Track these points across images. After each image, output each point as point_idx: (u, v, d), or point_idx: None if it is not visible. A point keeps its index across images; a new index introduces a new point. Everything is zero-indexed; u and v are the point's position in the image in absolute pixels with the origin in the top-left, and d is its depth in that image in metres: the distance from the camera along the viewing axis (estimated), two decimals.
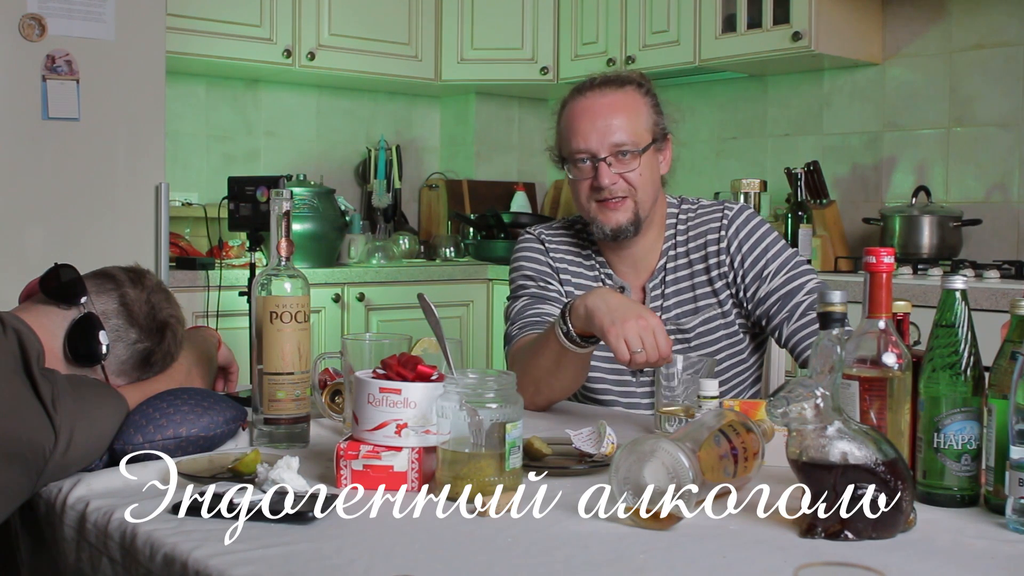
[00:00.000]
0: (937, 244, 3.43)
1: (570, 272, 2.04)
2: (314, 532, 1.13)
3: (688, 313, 1.97)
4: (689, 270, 1.98)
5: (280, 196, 1.49)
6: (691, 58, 3.90)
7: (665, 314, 1.97)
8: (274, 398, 1.49)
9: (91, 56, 2.99)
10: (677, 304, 1.98)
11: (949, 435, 1.23)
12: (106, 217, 3.06)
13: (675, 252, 2.00)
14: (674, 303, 1.98)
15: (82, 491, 1.28)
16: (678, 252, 2.00)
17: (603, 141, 1.89)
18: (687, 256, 1.99)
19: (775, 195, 3.86)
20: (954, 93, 3.61)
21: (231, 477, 1.31)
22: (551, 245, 2.07)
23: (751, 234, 1.96)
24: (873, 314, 1.27)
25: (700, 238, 1.99)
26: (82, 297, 1.48)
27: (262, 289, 1.50)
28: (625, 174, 1.90)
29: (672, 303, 1.98)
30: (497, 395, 1.24)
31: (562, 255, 2.06)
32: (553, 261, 2.05)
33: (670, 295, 1.98)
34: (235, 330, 3.23)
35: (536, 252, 2.07)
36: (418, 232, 4.67)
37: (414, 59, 4.33)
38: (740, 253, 1.95)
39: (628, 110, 1.92)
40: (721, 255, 1.96)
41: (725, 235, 1.96)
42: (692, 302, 1.97)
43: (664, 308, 1.98)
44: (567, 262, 2.05)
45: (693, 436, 1.20)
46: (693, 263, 1.98)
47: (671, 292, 1.98)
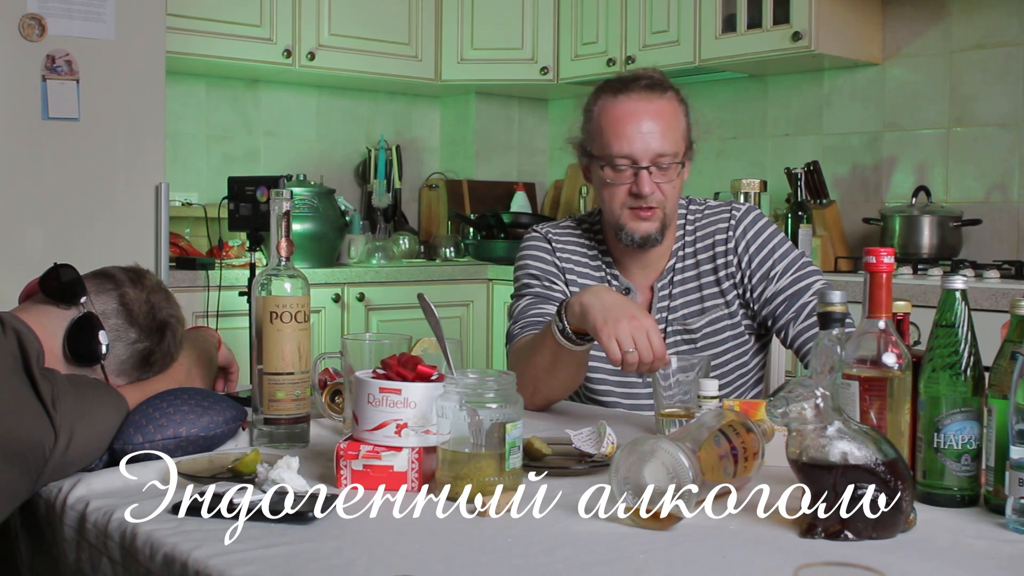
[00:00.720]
0: (937, 244, 3.43)
1: (576, 272, 2.04)
2: (314, 532, 1.13)
3: (695, 313, 1.97)
4: (696, 270, 1.99)
5: (280, 196, 1.49)
6: (691, 58, 3.90)
7: (672, 314, 1.97)
8: (274, 398, 1.49)
9: (91, 56, 2.99)
10: (684, 304, 1.98)
11: (949, 435, 1.23)
12: (106, 217, 3.06)
13: (683, 252, 2.00)
14: (681, 303, 1.98)
15: (82, 491, 1.28)
16: (686, 252, 2.00)
17: (647, 149, 1.87)
18: (695, 256, 1.99)
19: (775, 195, 3.86)
20: (954, 93, 3.61)
21: (231, 477, 1.31)
22: (558, 244, 2.06)
23: (758, 235, 1.96)
24: (873, 314, 1.27)
25: (708, 238, 1.99)
26: (82, 297, 1.48)
27: (262, 289, 1.50)
28: (662, 184, 1.89)
29: (679, 303, 1.98)
30: (497, 395, 1.24)
31: (568, 255, 2.05)
32: (559, 261, 2.05)
33: (677, 295, 1.98)
34: (235, 330, 3.23)
35: (542, 251, 2.06)
36: (418, 232, 4.67)
37: (414, 59, 4.33)
38: (747, 253, 1.95)
39: (670, 118, 1.90)
40: (728, 255, 1.96)
41: (732, 235, 1.96)
42: (699, 302, 1.97)
43: (671, 308, 1.98)
44: (573, 262, 2.05)
45: (693, 436, 1.20)
46: (700, 263, 1.99)
47: (678, 292, 1.98)
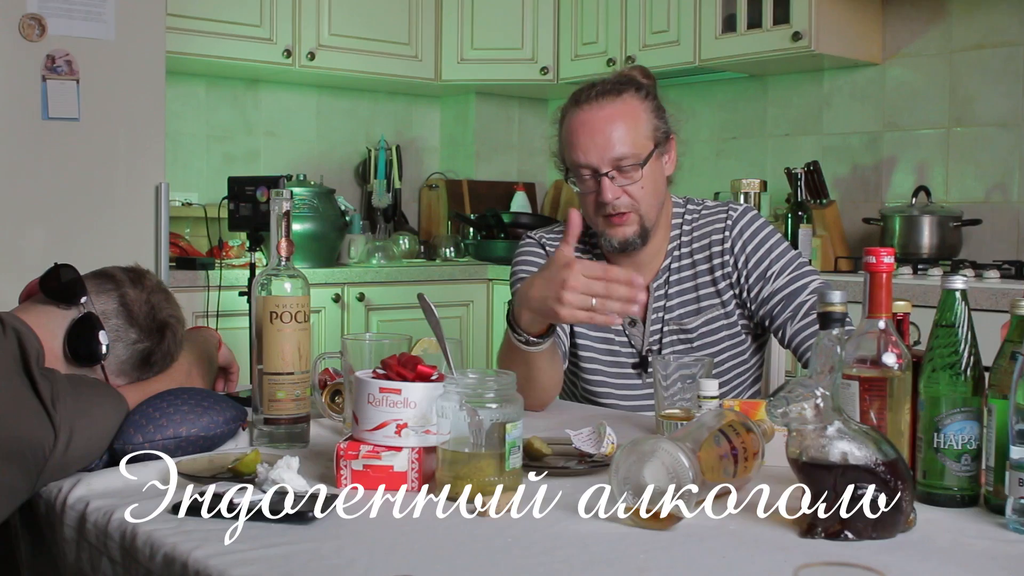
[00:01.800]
0: (937, 244, 3.43)
1: None
2: (314, 532, 1.13)
3: (691, 313, 1.97)
4: (693, 270, 1.98)
5: (280, 196, 1.49)
6: (691, 58, 3.90)
7: (668, 314, 1.97)
8: (274, 398, 1.49)
9: (91, 56, 2.99)
10: (680, 304, 1.98)
11: (949, 435, 1.23)
12: (106, 217, 3.06)
13: (679, 252, 1.99)
14: (677, 303, 1.98)
15: (82, 491, 1.28)
16: (682, 252, 1.99)
17: (603, 156, 1.86)
18: (691, 256, 1.99)
19: (775, 195, 3.86)
20: (954, 93, 3.61)
21: (231, 477, 1.31)
22: (551, 249, 2.05)
23: (755, 235, 1.96)
24: (873, 314, 1.27)
25: (704, 238, 1.99)
26: (82, 297, 1.48)
27: (262, 289, 1.50)
28: (628, 188, 1.88)
29: (675, 303, 1.98)
30: (497, 395, 1.24)
31: None
32: None
33: (673, 295, 1.98)
34: (235, 330, 3.23)
35: (536, 256, 2.06)
36: (418, 232, 4.67)
37: (414, 59, 4.33)
38: (744, 253, 1.95)
39: (627, 120, 1.88)
40: (725, 255, 1.96)
41: (729, 235, 1.96)
42: (695, 302, 1.97)
43: (667, 308, 1.98)
44: None
45: (693, 436, 1.20)
46: (697, 263, 1.98)
47: (674, 292, 1.98)
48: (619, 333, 2.00)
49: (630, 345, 2.00)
